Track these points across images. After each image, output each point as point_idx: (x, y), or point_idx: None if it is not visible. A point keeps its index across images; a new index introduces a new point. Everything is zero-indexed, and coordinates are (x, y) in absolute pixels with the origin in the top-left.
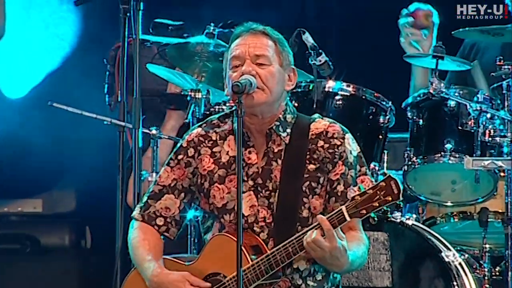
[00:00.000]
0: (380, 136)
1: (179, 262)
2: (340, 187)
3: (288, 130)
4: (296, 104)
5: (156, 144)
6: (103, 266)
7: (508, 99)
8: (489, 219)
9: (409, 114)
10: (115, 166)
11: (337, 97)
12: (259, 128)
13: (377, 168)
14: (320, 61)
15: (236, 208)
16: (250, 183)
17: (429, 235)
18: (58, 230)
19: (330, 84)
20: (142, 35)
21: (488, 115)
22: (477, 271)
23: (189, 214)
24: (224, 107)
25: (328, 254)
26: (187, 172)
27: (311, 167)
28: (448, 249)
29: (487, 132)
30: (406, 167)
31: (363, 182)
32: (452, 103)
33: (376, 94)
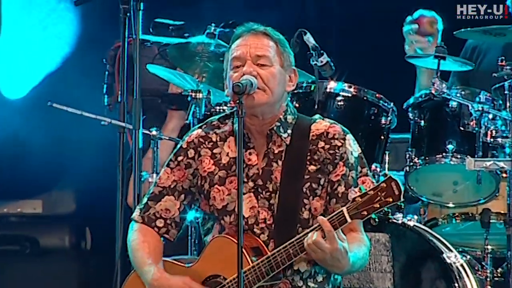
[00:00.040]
0: (382, 137)
1: (179, 264)
2: (341, 188)
3: (289, 131)
4: (298, 105)
5: (157, 145)
6: (103, 268)
7: (510, 100)
8: (491, 220)
9: (411, 115)
10: (115, 167)
11: (339, 98)
12: (260, 129)
13: (379, 169)
14: (322, 62)
15: (237, 210)
16: (251, 185)
17: (431, 236)
18: (58, 231)
19: (332, 85)
20: (142, 35)
21: (490, 116)
22: (479, 273)
23: (190, 216)
24: (225, 108)
25: (329, 256)
26: (187, 174)
27: (312, 168)
28: (450, 251)
29: (489, 133)
30: (408, 168)
31: (364, 183)
32: (454, 104)
33: (378, 95)
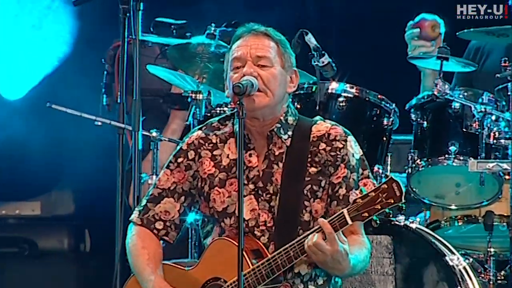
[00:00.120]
0: (384, 138)
1: (179, 268)
2: (342, 191)
3: (290, 133)
4: (299, 106)
5: (156, 147)
6: (103, 270)
7: None
8: (494, 223)
9: (413, 116)
10: (115, 168)
11: (340, 99)
12: (260, 131)
13: (381, 171)
14: (323, 62)
15: (237, 212)
16: (251, 187)
17: (433, 239)
18: (57, 233)
19: (333, 86)
20: (143, 35)
21: (493, 117)
22: (482, 275)
23: (190, 218)
24: (226, 109)
25: (330, 258)
26: (187, 175)
27: (313, 170)
28: (453, 253)
29: (492, 134)
30: (410, 170)
31: (366, 186)
32: (457, 105)
33: (380, 96)
